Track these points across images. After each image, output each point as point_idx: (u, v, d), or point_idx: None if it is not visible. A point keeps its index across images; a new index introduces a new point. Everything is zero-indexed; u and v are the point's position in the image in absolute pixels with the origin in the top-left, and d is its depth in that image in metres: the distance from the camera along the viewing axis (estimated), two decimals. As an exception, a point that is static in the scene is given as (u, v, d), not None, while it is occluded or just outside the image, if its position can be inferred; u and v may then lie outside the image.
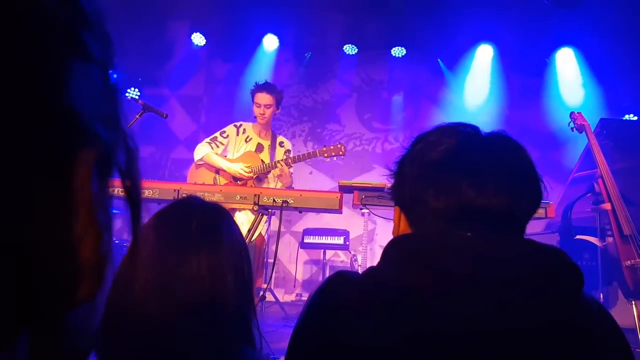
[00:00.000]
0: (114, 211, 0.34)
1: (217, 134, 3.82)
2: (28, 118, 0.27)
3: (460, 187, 0.75)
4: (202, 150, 3.71)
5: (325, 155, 3.74)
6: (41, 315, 0.29)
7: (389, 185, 0.92)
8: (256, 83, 3.84)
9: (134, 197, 0.35)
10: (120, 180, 0.34)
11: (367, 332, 0.68)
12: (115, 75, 0.34)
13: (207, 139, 3.81)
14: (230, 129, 3.85)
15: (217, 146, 3.77)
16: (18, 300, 0.28)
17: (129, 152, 0.34)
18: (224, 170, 3.67)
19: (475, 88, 6.11)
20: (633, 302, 2.95)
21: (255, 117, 3.78)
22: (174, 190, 2.81)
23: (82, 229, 0.30)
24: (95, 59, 0.32)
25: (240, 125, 3.88)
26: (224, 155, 3.76)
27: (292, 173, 3.77)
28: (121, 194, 0.35)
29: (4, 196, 0.26)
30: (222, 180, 3.71)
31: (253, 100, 3.78)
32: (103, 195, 0.33)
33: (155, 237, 0.91)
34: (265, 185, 3.74)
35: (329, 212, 3.32)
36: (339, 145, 3.76)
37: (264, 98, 3.72)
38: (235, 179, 3.69)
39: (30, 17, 0.28)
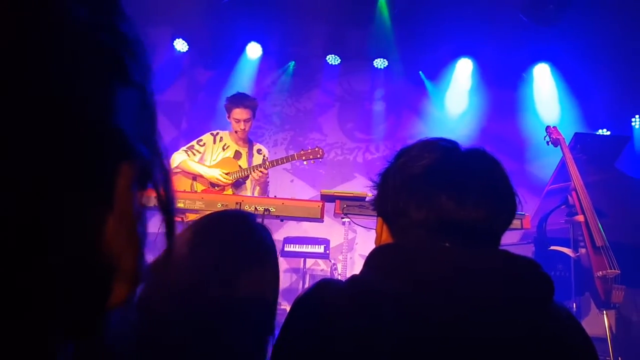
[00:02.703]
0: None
1: (193, 142, 3.81)
2: (74, 133, 0.29)
3: (440, 199, 0.79)
4: (178, 158, 3.69)
5: (303, 158, 3.73)
6: (81, 319, 0.31)
7: (371, 195, 0.95)
8: (229, 97, 3.80)
9: (169, 213, 0.37)
10: (156, 197, 0.37)
11: (351, 337, 0.70)
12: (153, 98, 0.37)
13: (184, 147, 3.79)
14: (207, 137, 3.84)
15: (194, 154, 3.76)
16: (60, 305, 0.29)
17: (164, 171, 0.37)
18: (201, 177, 3.65)
19: (455, 100, 6.22)
20: (604, 312, 3.03)
21: (235, 131, 3.77)
22: (154, 197, 2.81)
23: (124, 239, 0.33)
24: (136, 83, 0.34)
25: (217, 133, 3.87)
26: (201, 163, 3.76)
27: (267, 178, 3.77)
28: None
29: (48, 207, 0.28)
30: (199, 187, 3.70)
31: (229, 114, 3.75)
32: (141, 210, 0.35)
33: (209, 244, 0.93)
34: (243, 192, 3.74)
35: (311, 221, 3.34)
36: (317, 149, 3.75)
37: (242, 113, 3.70)
38: (212, 185, 3.68)
39: (80, 44, 0.30)
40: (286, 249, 5.17)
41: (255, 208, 3.04)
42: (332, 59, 6.29)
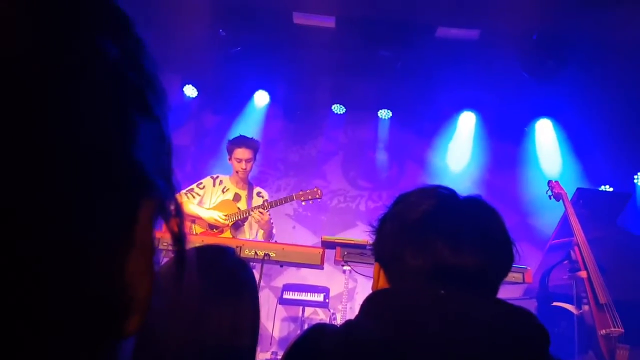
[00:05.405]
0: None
1: (193, 186, 3.84)
2: (101, 169, 0.30)
3: (436, 246, 0.80)
4: None
5: (302, 199, 3.74)
6: (98, 346, 0.31)
7: (371, 242, 0.96)
8: (231, 139, 3.89)
9: (181, 246, 0.38)
10: (169, 230, 0.37)
11: None
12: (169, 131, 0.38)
13: (183, 191, 3.82)
14: (206, 181, 3.88)
15: (193, 197, 3.77)
16: (77, 332, 0.29)
17: (177, 205, 0.38)
18: (200, 219, 3.65)
19: (458, 152, 6.28)
20: (609, 372, 2.95)
21: (236, 171, 3.80)
22: (159, 240, 2.80)
23: (142, 272, 0.34)
24: (155, 115, 0.35)
25: (217, 177, 3.90)
26: (200, 206, 3.77)
27: (271, 219, 3.76)
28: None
29: (76, 239, 0.29)
30: (198, 229, 3.69)
31: (231, 155, 3.80)
32: (156, 242, 0.36)
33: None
34: (241, 234, 3.72)
35: (311, 268, 3.31)
36: (315, 189, 3.76)
37: (244, 153, 3.75)
38: (211, 226, 3.67)
39: (110, 82, 0.31)
40: (285, 296, 5.10)
41: (256, 252, 3.03)
42: (338, 108, 6.40)
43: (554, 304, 3.31)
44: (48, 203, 0.28)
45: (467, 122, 6.23)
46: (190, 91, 6.25)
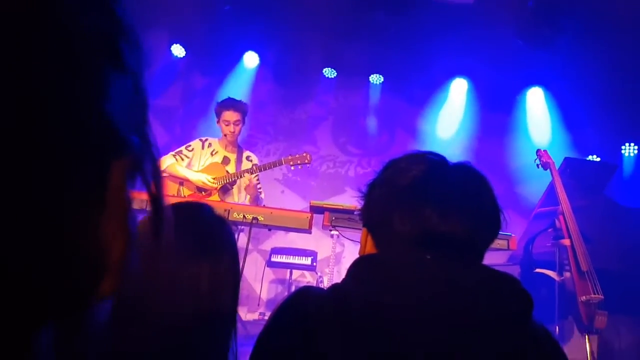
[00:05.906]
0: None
1: (182, 148, 3.83)
2: (69, 124, 0.28)
3: (424, 212, 0.79)
4: (167, 162, 3.69)
5: (291, 163, 3.75)
6: (70, 306, 0.31)
7: (360, 207, 0.95)
8: (219, 102, 3.85)
9: (158, 204, 0.36)
10: (145, 188, 0.35)
11: (328, 346, 0.70)
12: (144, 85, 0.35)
13: (172, 152, 3.79)
14: (195, 143, 3.86)
15: (182, 159, 3.75)
16: (48, 291, 0.29)
17: (153, 161, 0.36)
18: (188, 181, 3.64)
19: (449, 119, 6.27)
20: (587, 337, 3.04)
21: (224, 134, 3.77)
22: (142, 201, 2.79)
23: (115, 232, 0.32)
24: (130, 69, 0.33)
25: (206, 139, 3.88)
26: (189, 168, 3.75)
27: (258, 185, 3.76)
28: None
29: (44, 196, 0.28)
30: (186, 192, 3.68)
31: (219, 118, 3.77)
32: (130, 201, 0.34)
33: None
34: (230, 197, 3.72)
35: (299, 232, 3.33)
36: (304, 154, 3.76)
37: (233, 115, 3.72)
38: (199, 189, 3.66)
39: (72, 27, 0.29)
40: (273, 259, 5.15)
41: (244, 216, 3.03)
42: (329, 72, 6.32)
43: (537, 270, 3.38)
44: (14, 162, 0.26)
45: (459, 89, 6.20)
46: (178, 51, 6.11)
